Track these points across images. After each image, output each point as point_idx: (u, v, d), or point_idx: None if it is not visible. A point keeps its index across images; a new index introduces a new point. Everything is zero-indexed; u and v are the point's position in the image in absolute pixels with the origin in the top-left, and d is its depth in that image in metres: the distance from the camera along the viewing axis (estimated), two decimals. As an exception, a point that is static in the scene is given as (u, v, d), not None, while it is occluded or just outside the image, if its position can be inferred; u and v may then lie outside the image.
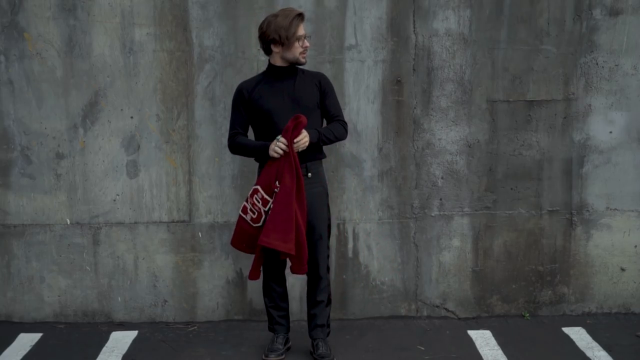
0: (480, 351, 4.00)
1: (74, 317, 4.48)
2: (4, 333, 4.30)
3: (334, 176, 4.37)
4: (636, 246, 4.48)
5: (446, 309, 4.50)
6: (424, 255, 4.46)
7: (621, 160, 4.41)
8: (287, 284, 4.04)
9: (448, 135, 4.38)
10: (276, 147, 3.64)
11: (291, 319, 4.12)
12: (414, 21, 4.31)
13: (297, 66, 3.80)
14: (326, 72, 4.18)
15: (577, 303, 4.50)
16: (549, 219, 4.44)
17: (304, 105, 3.75)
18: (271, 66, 3.81)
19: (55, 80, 4.32)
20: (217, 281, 4.46)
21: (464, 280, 4.48)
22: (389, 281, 4.47)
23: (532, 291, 4.49)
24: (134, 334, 4.30)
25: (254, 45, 4.21)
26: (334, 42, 4.31)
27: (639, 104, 4.39)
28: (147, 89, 4.34)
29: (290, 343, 4.06)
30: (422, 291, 4.48)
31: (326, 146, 3.91)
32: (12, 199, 4.41)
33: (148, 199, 4.41)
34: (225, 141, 4.01)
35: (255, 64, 4.28)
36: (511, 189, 4.43)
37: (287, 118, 3.69)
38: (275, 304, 3.98)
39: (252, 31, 4.20)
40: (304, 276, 4.04)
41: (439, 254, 4.47)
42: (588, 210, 4.45)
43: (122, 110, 4.35)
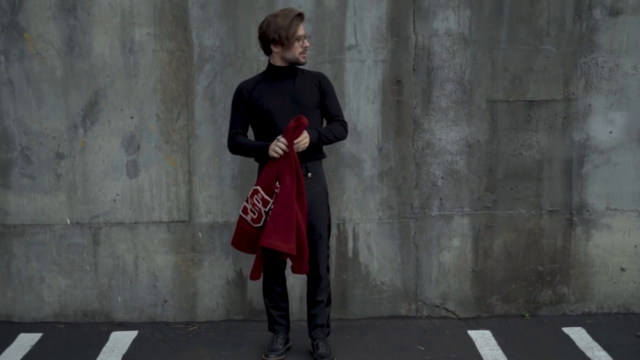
0: (480, 351, 4.00)
1: (74, 317, 4.48)
2: (4, 333, 4.30)
3: (334, 176, 4.37)
4: (636, 246, 4.48)
5: (446, 309, 4.50)
6: (424, 255, 4.46)
7: (621, 160, 4.41)
8: (287, 284, 4.04)
9: (448, 135, 4.38)
10: (276, 147, 3.64)
11: (291, 319, 4.12)
12: (414, 21, 4.31)
13: (297, 66, 3.80)
14: (326, 72, 4.18)
15: (577, 303, 4.50)
16: (549, 219, 4.44)
17: (303, 105, 3.75)
18: (271, 66, 3.81)
19: (55, 80, 4.32)
20: (217, 281, 4.46)
21: (464, 280, 4.48)
22: (389, 281, 4.47)
23: (532, 291, 4.49)
24: (134, 334, 4.30)
25: (254, 45, 4.21)
26: (334, 42, 4.31)
27: (639, 104, 4.39)
28: (147, 89, 4.34)
29: (290, 343, 4.06)
30: (422, 291, 4.48)
31: (326, 146, 3.91)
32: (12, 199, 4.41)
33: (148, 199, 4.41)
34: (225, 141, 4.01)
35: (255, 64, 4.28)
36: (511, 189, 4.43)
37: (286, 118, 3.69)
38: (275, 304, 3.98)
39: (252, 31, 4.20)
40: (304, 276, 4.04)
41: (439, 254, 4.47)
42: (588, 210, 4.45)
43: (122, 110, 4.35)
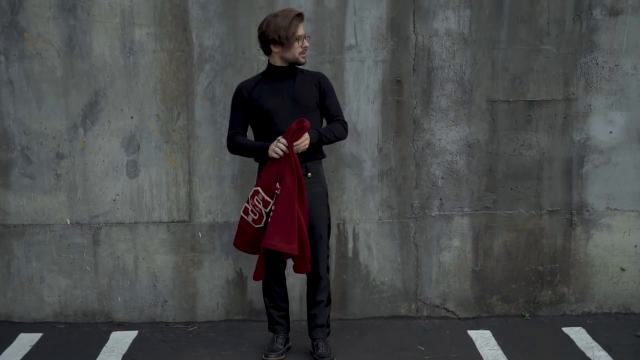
0: (480, 351, 4.00)
1: (74, 317, 4.48)
2: (4, 333, 4.30)
3: (334, 176, 4.37)
4: (636, 246, 4.48)
5: (446, 309, 4.49)
6: (424, 255, 4.46)
7: (621, 160, 4.41)
8: (287, 284, 4.04)
9: (448, 135, 4.38)
10: (276, 148, 3.64)
11: (291, 319, 4.12)
12: (414, 21, 4.31)
13: (296, 66, 3.80)
14: (326, 72, 4.18)
15: (577, 303, 4.50)
16: (549, 219, 4.44)
17: (303, 105, 3.75)
18: (271, 66, 3.81)
19: (55, 80, 4.32)
20: (217, 281, 4.46)
21: (464, 280, 4.48)
22: (389, 281, 4.47)
23: (532, 291, 4.49)
24: (134, 334, 4.30)
25: (254, 45, 4.21)
26: (334, 42, 4.31)
27: (639, 104, 4.39)
28: (147, 89, 4.34)
29: (290, 343, 4.06)
30: (422, 291, 4.48)
31: (326, 146, 3.91)
32: (12, 199, 4.41)
33: (148, 199, 4.41)
34: (225, 141, 4.01)
35: (255, 64, 4.28)
36: (511, 189, 4.42)
37: (286, 118, 3.69)
38: (275, 304, 3.98)
39: (252, 31, 4.20)
40: (303, 276, 4.04)
41: (439, 254, 4.46)
42: (588, 210, 4.44)
43: (122, 110, 4.35)
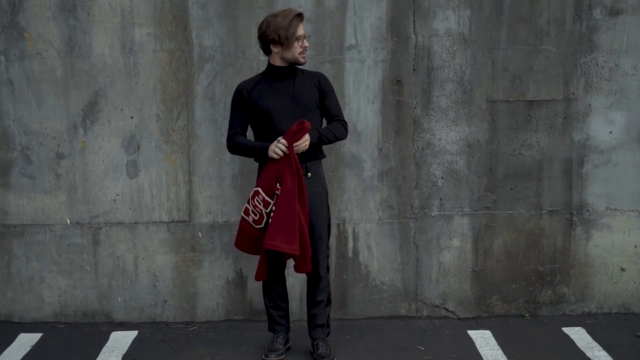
0: (480, 351, 4.00)
1: (74, 317, 4.48)
2: (4, 333, 4.30)
3: (334, 176, 4.37)
4: (636, 246, 4.48)
5: (446, 309, 4.49)
6: (424, 255, 4.46)
7: (621, 160, 4.41)
8: (287, 284, 4.05)
9: (448, 135, 4.38)
10: (276, 149, 3.64)
11: (291, 319, 4.12)
12: (414, 21, 4.31)
13: (296, 66, 3.80)
14: (326, 72, 4.18)
15: (577, 303, 4.50)
16: (549, 219, 4.44)
17: (303, 105, 3.75)
18: (270, 66, 3.81)
19: (55, 80, 4.32)
20: (217, 281, 4.46)
21: (464, 280, 4.48)
22: (389, 281, 4.47)
23: (532, 291, 4.49)
24: (134, 334, 4.30)
25: (254, 45, 4.21)
26: (334, 42, 4.31)
27: (639, 104, 4.38)
28: (147, 89, 4.34)
29: (290, 343, 4.06)
30: (422, 291, 4.48)
31: (326, 146, 3.91)
32: (12, 199, 4.41)
33: (148, 199, 4.41)
34: (225, 141, 4.01)
35: (255, 64, 4.28)
36: (511, 189, 4.42)
37: (286, 118, 3.69)
38: (275, 304, 3.98)
39: (252, 31, 4.20)
40: (304, 276, 4.04)
41: (439, 254, 4.46)
42: (588, 210, 4.44)
43: (122, 110, 4.35)
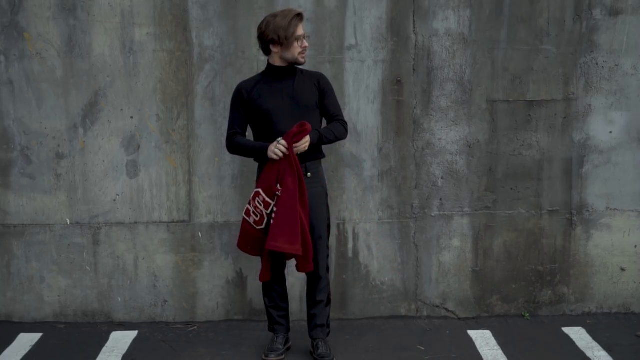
0: (480, 351, 4.00)
1: (74, 317, 4.48)
2: (4, 333, 4.30)
3: (334, 176, 4.37)
4: (636, 246, 4.48)
5: (446, 309, 4.49)
6: (424, 255, 4.46)
7: (621, 160, 4.41)
8: (287, 284, 4.05)
9: (448, 135, 4.38)
10: (276, 150, 3.64)
11: (291, 319, 4.12)
12: (414, 21, 4.31)
13: (296, 66, 3.80)
14: (326, 72, 4.18)
15: (577, 303, 4.50)
16: (549, 219, 4.44)
17: (303, 105, 3.75)
18: (270, 66, 3.81)
19: (55, 80, 4.32)
20: (217, 281, 4.46)
21: (464, 280, 4.48)
22: (389, 281, 4.47)
23: (532, 291, 4.49)
24: (134, 334, 4.30)
25: (254, 45, 4.21)
26: (334, 42, 4.31)
27: (639, 104, 4.38)
28: (147, 89, 4.34)
29: (290, 343, 4.06)
30: (422, 291, 4.48)
31: (326, 146, 3.91)
32: (12, 199, 4.41)
33: (148, 199, 4.41)
34: (225, 141, 4.01)
35: (255, 64, 4.28)
36: (511, 189, 4.42)
37: (286, 118, 3.69)
38: (275, 304, 3.98)
39: (252, 31, 4.20)
40: (303, 276, 4.04)
41: (439, 254, 4.46)
42: (588, 210, 4.44)
43: (122, 110, 4.35)
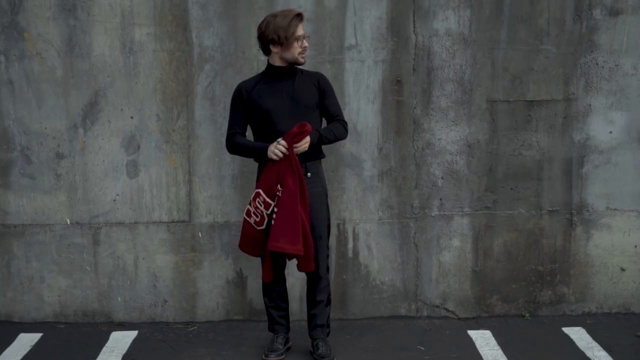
0: (480, 351, 4.00)
1: (74, 317, 4.48)
2: (4, 333, 4.30)
3: (334, 176, 4.37)
4: (636, 246, 4.48)
5: (446, 309, 4.49)
6: (424, 255, 4.46)
7: (621, 160, 4.41)
8: (287, 284, 4.05)
9: (448, 135, 4.38)
10: (276, 150, 3.64)
11: (291, 319, 4.12)
12: (414, 21, 4.31)
13: (296, 66, 3.80)
14: (326, 72, 4.18)
15: (577, 303, 4.50)
16: (549, 219, 4.44)
17: (303, 105, 3.75)
18: (270, 66, 3.81)
19: (55, 80, 4.32)
20: (217, 281, 4.46)
21: (464, 280, 4.48)
22: (389, 281, 4.47)
23: (532, 291, 4.49)
24: (134, 334, 4.30)
25: (254, 45, 4.20)
26: (334, 42, 4.31)
27: (639, 104, 4.38)
28: (147, 89, 4.34)
29: (290, 343, 4.06)
30: (422, 291, 4.48)
31: (326, 146, 3.91)
32: (12, 199, 4.41)
33: (148, 199, 4.41)
34: (225, 141, 4.01)
35: (255, 64, 4.28)
36: (511, 189, 4.42)
37: (285, 118, 3.69)
38: (275, 304, 3.98)
39: (252, 31, 4.20)
40: (304, 276, 4.04)
41: (439, 254, 4.46)
42: (588, 210, 4.44)
43: (122, 110, 4.35)
